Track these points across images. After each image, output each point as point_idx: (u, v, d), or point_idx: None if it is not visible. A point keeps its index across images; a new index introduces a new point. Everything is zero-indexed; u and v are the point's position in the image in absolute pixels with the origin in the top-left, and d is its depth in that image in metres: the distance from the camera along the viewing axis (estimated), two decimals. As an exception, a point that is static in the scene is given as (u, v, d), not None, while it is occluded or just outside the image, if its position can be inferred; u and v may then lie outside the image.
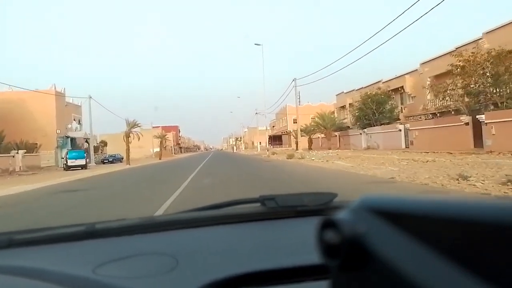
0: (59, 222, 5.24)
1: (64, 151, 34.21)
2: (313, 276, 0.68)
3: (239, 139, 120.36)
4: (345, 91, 46.77)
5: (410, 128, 26.84)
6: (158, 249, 0.87)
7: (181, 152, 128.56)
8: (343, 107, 46.69)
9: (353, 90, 43.92)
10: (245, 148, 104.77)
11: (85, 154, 31.43)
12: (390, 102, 33.05)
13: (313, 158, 23.05)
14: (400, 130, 28.36)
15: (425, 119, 28.03)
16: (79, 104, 45.67)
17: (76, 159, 30.18)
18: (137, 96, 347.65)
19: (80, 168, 29.77)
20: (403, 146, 27.67)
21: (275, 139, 78.92)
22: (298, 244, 0.86)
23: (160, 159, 49.41)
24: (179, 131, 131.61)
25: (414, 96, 31.39)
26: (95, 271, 0.74)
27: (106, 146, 60.31)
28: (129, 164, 33.42)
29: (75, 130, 44.70)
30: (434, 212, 0.31)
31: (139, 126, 35.68)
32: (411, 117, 31.23)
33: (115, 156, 48.72)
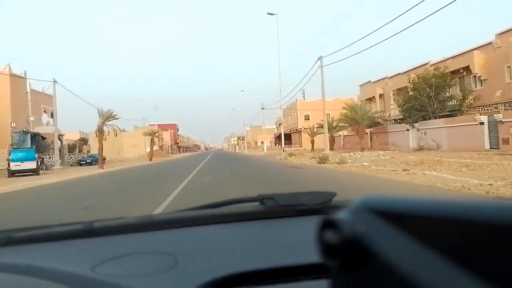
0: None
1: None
2: (313, 275, 0.68)
3: (241, 138, 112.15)
4: (372, 80, 38.69)
5: (503, 120, 18.35)
6: (157, 248, 0.87)
7: (179, 151, 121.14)
8: (370, 99, 38.58)
9: (385, 77, 35.86)
10: (248, 148, 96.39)
11: (35, 155, 22.99)
12: (449, 87, 24.71)
13: (365, 164, 15.01)
14: (482, 123, 19.86)
15: (505, 109, 20.01)
16: (52, 94, 37.84)
17: (22, 161, 22.06)
18: (135, 94, 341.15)
19: (30, 173, 21.80)
20: (487, 146, 19.49)
21: (281, 138, 70.12)
22: (297, 243, 0.86)
23: (150, 160, 41.44)
24: (178, 130, 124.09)
25: (485, 79, 23.32)
26: (93, 269, 0.74)
27: (87, 144, 52.36)
28: (103, 168, 25.42)
29: (47, 125, 36.77)
30: (434, 212, 0.31)
31: (116, 119, 27.46)
32: (481, 107, 23.18)
33: (94, 157, 40.74)
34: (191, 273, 0.72)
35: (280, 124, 76.27)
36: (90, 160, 37.98)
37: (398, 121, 30.21)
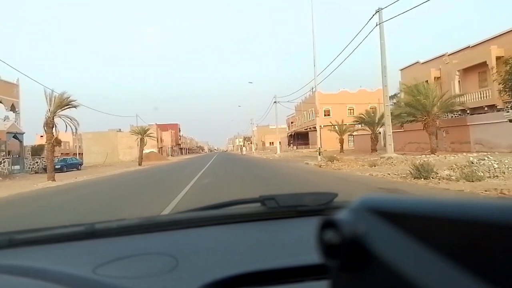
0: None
1: None
2: (313, 276, 0.69)
3: (247, 139, 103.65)
4: (421, 61, 30.02)
5: None
6: (158, 249, 0.87)
7: (181, 153, 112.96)
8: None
9: (443, 55, 27.16)
10: (255, 149, 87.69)
11: None
12: None
13: None
14: None
15: None
16: (15, 82, 29.75)
17: None
18: (139, 95, 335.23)
19: None
20: None
21: (298, 138, 60.63)
22: (298, 244, 0.87)
23: (140, 164, 33.13)
24: (180, 130, 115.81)
25: None
26: (95, 271, 0.74)
27: (60, 145, 44.14)
28: (53, 180, 17.05)
29: (4, 120, 28.60)
30: (434, 212, 0.30)
31: (74, 106, 18.49)
32: None
33: (66, 161, 32.46)
34: (192, 274, 0.72)
35: (292, 123, 66.77)
36: (60, 166, 29.49)
37: (486, 108, 21.25)
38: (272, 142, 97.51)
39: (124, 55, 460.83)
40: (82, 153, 68.55)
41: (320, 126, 38.79)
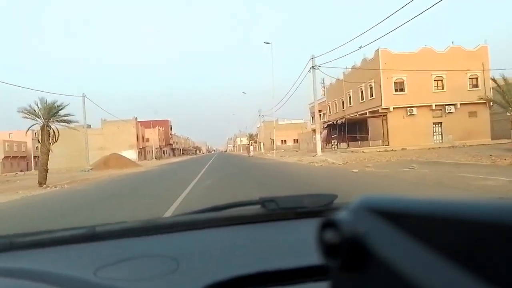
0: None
1: None
2: (313, 277, 0.69)
3: (252, 137, 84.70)
4: None
5: None
6: (159, 251, 0.88)
7: (173, 155, 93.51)
8: None
9: None
10: (262, 149, 68.45)
11: None
12: None
13: None
14: None
15: None
16: None
17: None
18: (137, 94, 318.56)
19: None
20: None
21: (342, 130, 33.45)
22: (298, 245, 0.87)
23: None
24: (171, 128, 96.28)
25: None
26: (96, 273, 0.74)
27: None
28: None
29: None
30: (434, 212, 0.30)
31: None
32: None
33: None
34: (193, 276, 0.73)
35: (321, 111, 44.06)
36: None
37: None
38: (285, 140, 76.97)
39: (122, 55, 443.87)
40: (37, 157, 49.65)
41: (388, 108, 25.96)
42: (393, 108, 28.03)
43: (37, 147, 57.76)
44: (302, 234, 0.92)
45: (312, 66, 25.60)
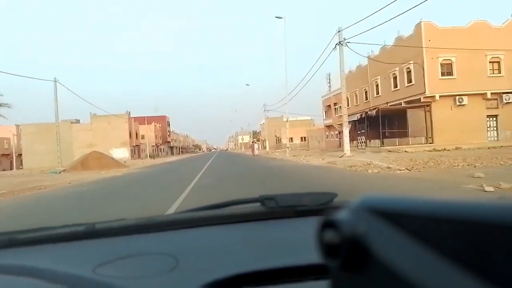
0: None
1: None
2: (313, 275, 0.69)
3: (255, 134, 79.08)
4: None
5: None
6: (158, 249, 0.88)
7: (171, 153, 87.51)
8: None
9: None
10: (267, 147, 62.72)
11: None
12: None
13: None
14: None
15: None
16: None
17: None
18: (136, 90, 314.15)
19: None
20: None
21: (376, 124, 25.65)
22: (298, 243, 0.87)
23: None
24: (169, 124, 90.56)
25: None
26: (95, 270, 0.74)
27: None
28: None
29: None
30: (434, 212, 0.30)
31: None
32: None
33: None
34: (192, 274, 0.73)
35: (336, 105, 39.56)
36: None
37: None
38: (291, 138, 71.12)
39: (122, 51, 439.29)
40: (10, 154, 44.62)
41: (433, 97, 21.39)
42: (439, 96, 22.35)
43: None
44: (302, 232, 0.91)
45: (340, 41, 19.87)
